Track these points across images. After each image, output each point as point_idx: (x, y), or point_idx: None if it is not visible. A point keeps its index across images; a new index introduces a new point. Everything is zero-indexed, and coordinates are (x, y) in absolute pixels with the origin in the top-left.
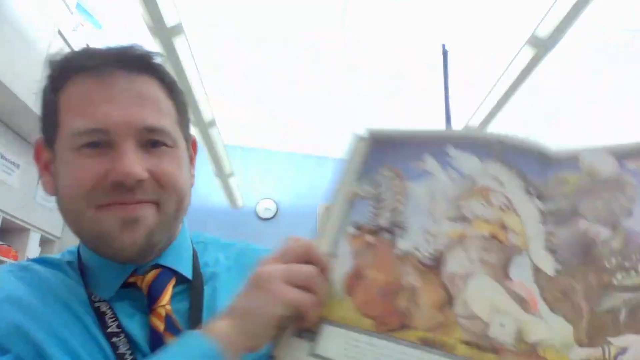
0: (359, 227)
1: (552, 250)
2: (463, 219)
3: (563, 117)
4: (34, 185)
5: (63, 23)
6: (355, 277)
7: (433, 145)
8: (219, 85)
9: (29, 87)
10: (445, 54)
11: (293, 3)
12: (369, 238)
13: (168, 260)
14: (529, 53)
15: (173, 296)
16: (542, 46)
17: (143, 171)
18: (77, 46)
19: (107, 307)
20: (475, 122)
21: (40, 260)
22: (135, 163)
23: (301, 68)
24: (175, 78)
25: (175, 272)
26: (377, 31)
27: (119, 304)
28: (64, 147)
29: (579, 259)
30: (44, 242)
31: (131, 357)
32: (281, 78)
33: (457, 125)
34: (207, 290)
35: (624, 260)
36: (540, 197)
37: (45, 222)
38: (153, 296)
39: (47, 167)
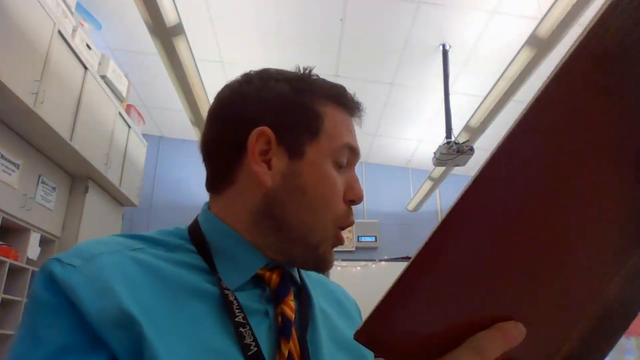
0: None
1: None
2: None
3: None
4: (34, 185)
5: (63, 23)
6: None
7: None
8: (219, 85)
9: (29, 87)
10: (445, 54)
11: (293, 2)
12: None
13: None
14: (529, 53)
15: None
16: (542, 46)
17: None
18: (77, 46)
19: (234, 297)
20: (475, 122)
21: (152, 242)
22: None
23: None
24: (175, 78)
25: (291, 275)
26: (376, 30)
27: (240, 294)
28: (323, 154)
29: None
30: (44, 242)
31: (255, 348)
32: None
33: (457, 125)
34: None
35: None
36: None
37: (45, 222)
38: (282, 290)
39: (261, 156)
